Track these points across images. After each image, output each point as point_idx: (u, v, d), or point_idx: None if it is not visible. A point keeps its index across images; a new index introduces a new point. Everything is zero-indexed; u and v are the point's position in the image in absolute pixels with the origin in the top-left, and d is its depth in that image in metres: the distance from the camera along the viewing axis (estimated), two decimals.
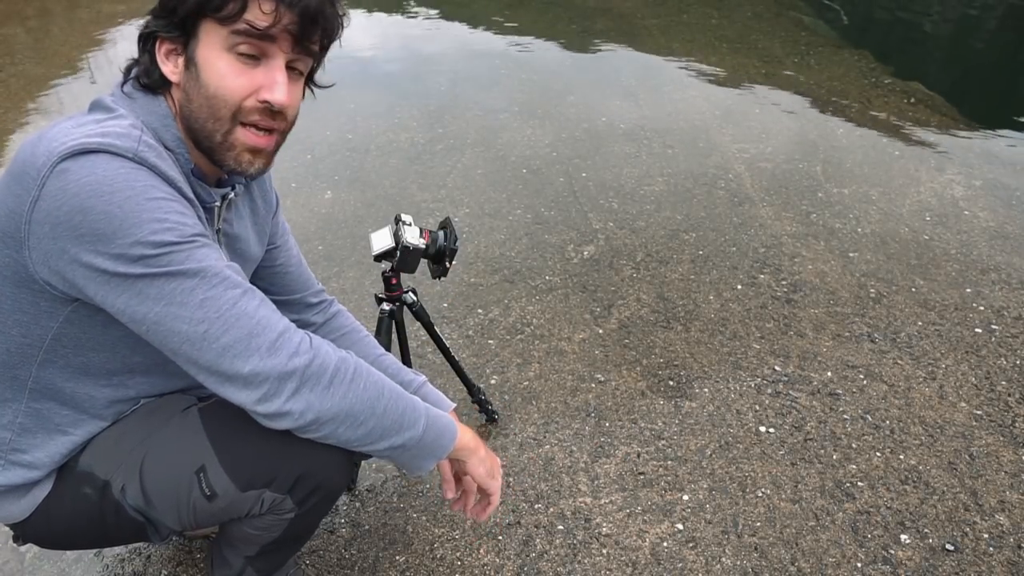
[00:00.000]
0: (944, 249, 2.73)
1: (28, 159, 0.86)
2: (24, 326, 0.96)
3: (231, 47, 0.92)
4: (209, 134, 0.96)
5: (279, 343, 0.90)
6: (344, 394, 0.95)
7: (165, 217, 0.86)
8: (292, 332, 0.93)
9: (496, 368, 2.09)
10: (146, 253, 0.84)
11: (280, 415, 0.92)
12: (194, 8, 0.91)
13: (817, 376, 2.08)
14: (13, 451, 1.04)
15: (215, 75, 0.93)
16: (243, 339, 0.88)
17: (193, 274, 0.87)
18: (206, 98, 0.94)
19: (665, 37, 5.33)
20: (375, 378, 0.99)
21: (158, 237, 0.85)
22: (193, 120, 0.96)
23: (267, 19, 0.91)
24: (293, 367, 0.90)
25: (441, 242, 1.45)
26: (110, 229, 0.83)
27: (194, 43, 0.94)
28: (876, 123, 3.89)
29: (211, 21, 0.92)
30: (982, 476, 1.75)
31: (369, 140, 3.58)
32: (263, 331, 0.90)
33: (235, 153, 0.98)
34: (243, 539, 1.17)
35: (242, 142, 0.97)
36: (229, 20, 0.91)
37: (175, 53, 0.96)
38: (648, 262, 2.62)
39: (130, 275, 0.85)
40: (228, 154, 0.98)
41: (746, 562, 1.53)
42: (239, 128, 0.96)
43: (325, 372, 0.93)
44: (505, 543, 1.56)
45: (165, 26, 0.94)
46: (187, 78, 0.95)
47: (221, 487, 1.03)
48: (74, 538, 1.14)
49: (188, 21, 0.93)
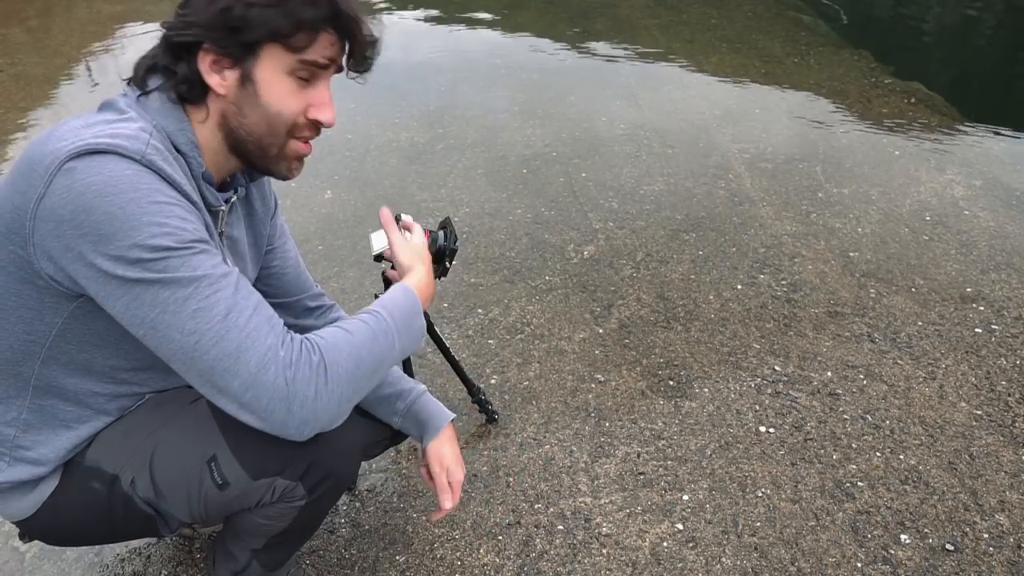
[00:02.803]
0: (944, 249, 2.73)
1: (36, 157, 0.87)
2: (28, 323, 0.96)
3: (292, 71, 0.97)
4: (266, 147, 1.01)
5: (267, 359, 0.89)
6: (332, 391, 0.94)
7: (165, 221, 0.86)
8: (278, 346, 0.91)
9: (496, 368, 2.09)
10: (143, 256, 0.85)
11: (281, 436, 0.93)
12: (265, 36, 0.93)
13: (817, 376, 2.08)
14: (17, 447, 1.05)
15: (276, 95, 0.97)
16: (232, 353, 0.88)
17: (187, 283, 0.87)
18: (265, 115, 0.98)
19: (665, 37, 5.33)
20: (346, 350, 0.96)
21: (156, 241, 0.85)
22: (247, 133, 0.99)
23: (332, 52, 0.98)
24: (279, 386, 0.90)
25: (441, 242, 1.45)
26: (111, 230, 0.83)
27: (252, 61, 0.95)
28: (876, 123, 3.89)
29: (278, 46, 0.95)
30: (982, 476, 1.75)
31: (369, 140, 3.58)
32: (252, 345, 0.89)
33: (287, 163, 1.04)
34: (251, 530, 1.17)
35: (294, 152, 1.03)
36: (298, 51, 0.95)
37: (223, 66, 0.96)
38: (648, 262, 2.62)
39: (127, 278, 0.85)
40: (281, 164, 1.04)
41: (746, 562, 1.53)
42: (291, 141, 1.02)
43: (312, 382, 0.92)
44: (505, 543, 1.56)
45: (221, 41, 0.94)
46: (241, 93, 0.97)
47: (233, 476, 1.04)
48: (81, 534, 1.14)
49: (255, 44, 0.95)
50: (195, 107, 0.99)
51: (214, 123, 1.00)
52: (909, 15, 6.90)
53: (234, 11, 0.92)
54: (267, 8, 0.92)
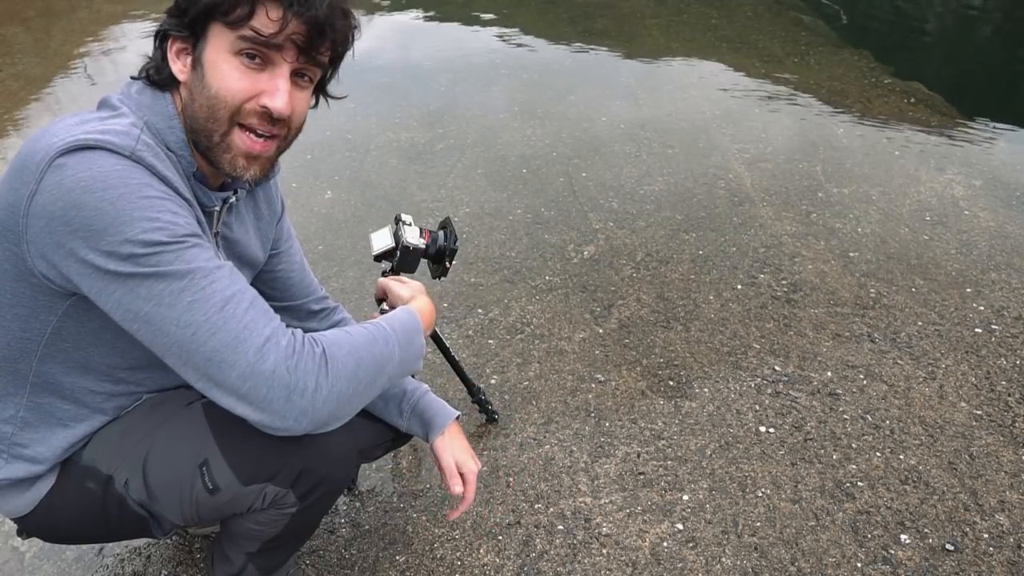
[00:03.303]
0: (944, 249, 2.73)
1: (29, 154, 0.87)
2: (24, 320, 0.96)
3: (237, 51, 0.94)
4: (208, 134, 0.97)
5: (266, 348, 0.89)
6: (332, 385, 0.93)
7: (157, 216, 0.86)
8: (279, 335, 0.91)
9: (496, 368, 2.09)
10: (135, 252, 0.84)
11: (276, 430, 0.92)
12: (204, 10, 0.93)
13: (817, 376, 2.08)
14: (15, 445, 1.05)
15: (218, 76, 0.94)
16: (229, 344, 0.87)
17: (182, 275, 0.86)
18: (207, 98, 0.95)
19: (665, 37, 5.33)
20: (347, 348, 0.97)
21: (148, 236, 0.85)
22: (194, 120, 0.97)
23: (273, 26, 0.92)
24: (280, 374, 0.89)
25: (441, 242, 1.45)
26: (102, 225, 0.83)
27: (202, 44, 0.95)
28: (876, 123, 3.89)
29: (220, 24, 0.93)
30: (982, 476, 1.75)
31: (369, 140, 3.58)
32: (250, 335, 0.88)
33: (231, 156, 0.98)
34: (245, 535, 1.17)
35: (238, 146, 0.97)
36: (237, 25, 0.92)
37: (185, 53, 0.97)
38: (648, 262, 2.62)
39: (120, 273, 0.85)
40: (224, 156, 0.98)
41: (746, 562, 1.53)
42: (236, 130, 0.97)
43: (313, 373, 0.91)
44: (505, 543, 1.56)
45: (176, 25, 0.96)
46: (193, 78, 0.96)
47: (224, 481, 1.04)
48: (77, 532, 1.14)
49: (198, 22, 0.94)
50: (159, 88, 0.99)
51: (182, 115, 0.99)
52: (909, 15, 6.90)
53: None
54: None
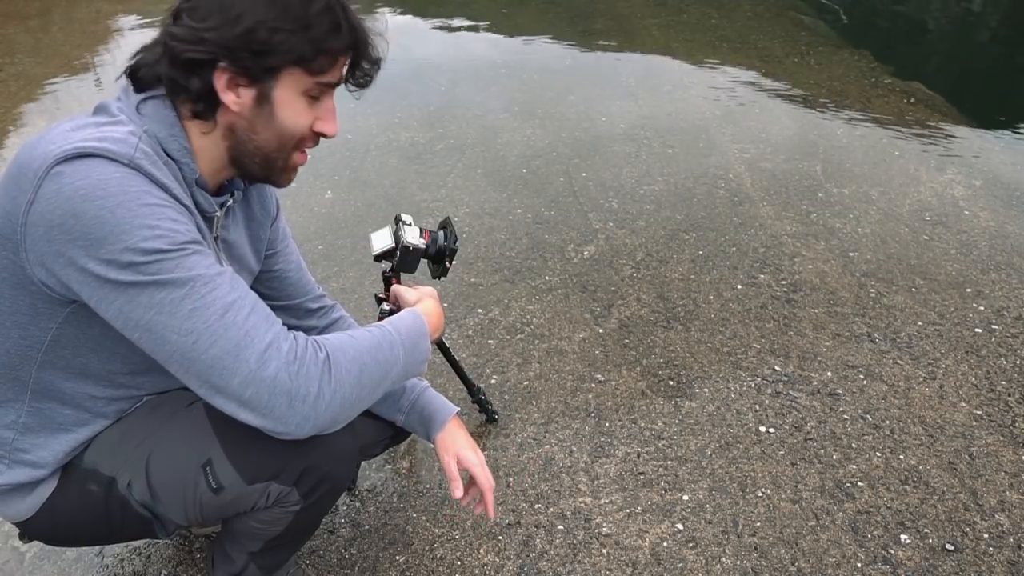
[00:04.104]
0: (944, 249, 2.73)
1: (25, 161, 0.86)
2: (23, 328, 0.96)
3: (307, 92, 0.98)
4: (273, 161, 1.03)
5: (267, 354, 0.89)
6: (335, 391, 0.94)
7: (157, 224, 0.85)
8: (280, 341, 0.91)
9: (496, 368, 2.09)
10: (136, 260, 0.84)
11: (279, 434, 0.93)
12: (290, 61, 0.94)
13: (817, 376, 2.08)
14: (16, 450, 1.05)
15: (291, 114, 0.98)
16: (231, 351, 0.88)
17: (182, 283, 0.86)
18: (277, 131, 0.99)
19: (665, 37, 5.33)
20: (351, 353, 0.97)
21: (148, 244, 0.84)
22: (256, 148, 1.00)
23: (342, 73, 1.01)
24: (282, 380, 0.89)
25: (441, 242, 1.45)
26: (101, 234, 0.83)
27: (272, 83, 0.95)
28: (876, 123, 3.89)
29: (299, 69, 0.95)
30: (982, 476, 1.75)
31: (369, 140, 3.58)
32: (251, 342, 0.89)
33: (288, 174, 1.07)
34: (247, 534, 1.17)
35: (294, 164, 1.05)
36: (317, 74, 0.97)
37: (240, 86, 0.95)
38: (648, 262, 2.62)
39: (121, 282, 0.85)
40: (284, 175, 1.07)
41: (746, 562, 1.53)
42: (295, 153, 1.04)
43: (316, 378, 0.92)
44: (505, 543, 1.56)
45: (242, 62, 0.92)
46: (256, 112, 0.97)
47: (228, 480, 1.04)
48: (80, 535, 1.15)
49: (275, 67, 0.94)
50: (200, 119, 0.97)
51: (219, 135, 0.99)
52: (909, 15, 6.90)
53: (258, 34, 0.90)
54: (293, 35, 0.91)
